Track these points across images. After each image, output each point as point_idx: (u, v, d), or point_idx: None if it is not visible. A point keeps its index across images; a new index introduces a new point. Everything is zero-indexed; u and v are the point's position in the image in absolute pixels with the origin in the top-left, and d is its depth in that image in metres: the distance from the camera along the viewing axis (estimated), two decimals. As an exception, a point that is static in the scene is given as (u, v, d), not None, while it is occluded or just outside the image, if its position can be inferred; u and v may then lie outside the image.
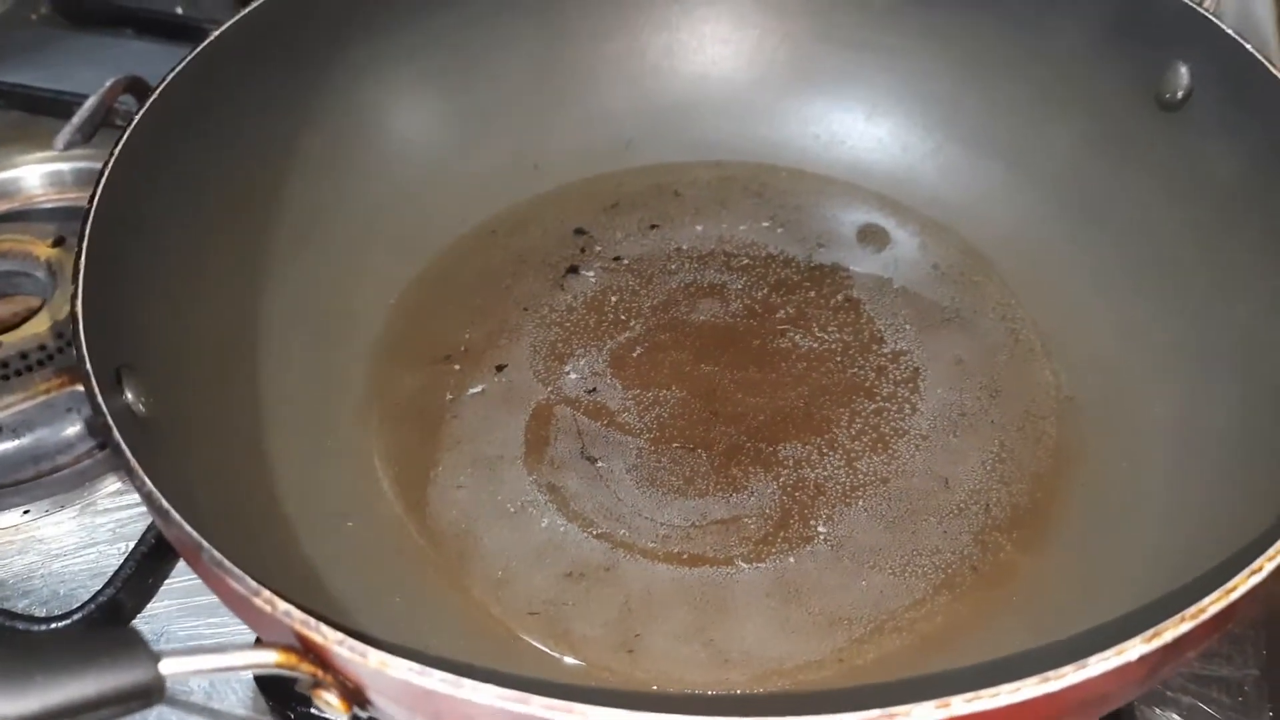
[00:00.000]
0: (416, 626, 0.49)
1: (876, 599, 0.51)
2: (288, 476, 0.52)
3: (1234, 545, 0.43)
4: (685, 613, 0.50)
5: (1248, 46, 0.52)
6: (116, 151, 0.51)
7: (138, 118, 0.53)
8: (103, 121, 0.72)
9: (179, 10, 0.86)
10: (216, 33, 0.56)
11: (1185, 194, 0.56)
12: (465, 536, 0.53)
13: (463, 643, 0.49)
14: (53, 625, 0.53)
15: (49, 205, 0.74)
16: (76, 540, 0.58)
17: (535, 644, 0.50)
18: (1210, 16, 0.54)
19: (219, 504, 0.47)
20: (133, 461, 0.40)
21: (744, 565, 0.52)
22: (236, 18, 0.57)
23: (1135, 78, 0.58)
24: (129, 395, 0.46)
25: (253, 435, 0.53)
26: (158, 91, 0.54)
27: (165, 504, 0.39)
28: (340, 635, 0.35)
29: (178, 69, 0.55)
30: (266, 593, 0.37)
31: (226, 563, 0.37)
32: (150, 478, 0.40)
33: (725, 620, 0.50)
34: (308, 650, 0.36)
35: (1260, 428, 0.49)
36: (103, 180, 0.50)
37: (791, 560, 0.52)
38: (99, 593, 0.54)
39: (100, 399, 0.42)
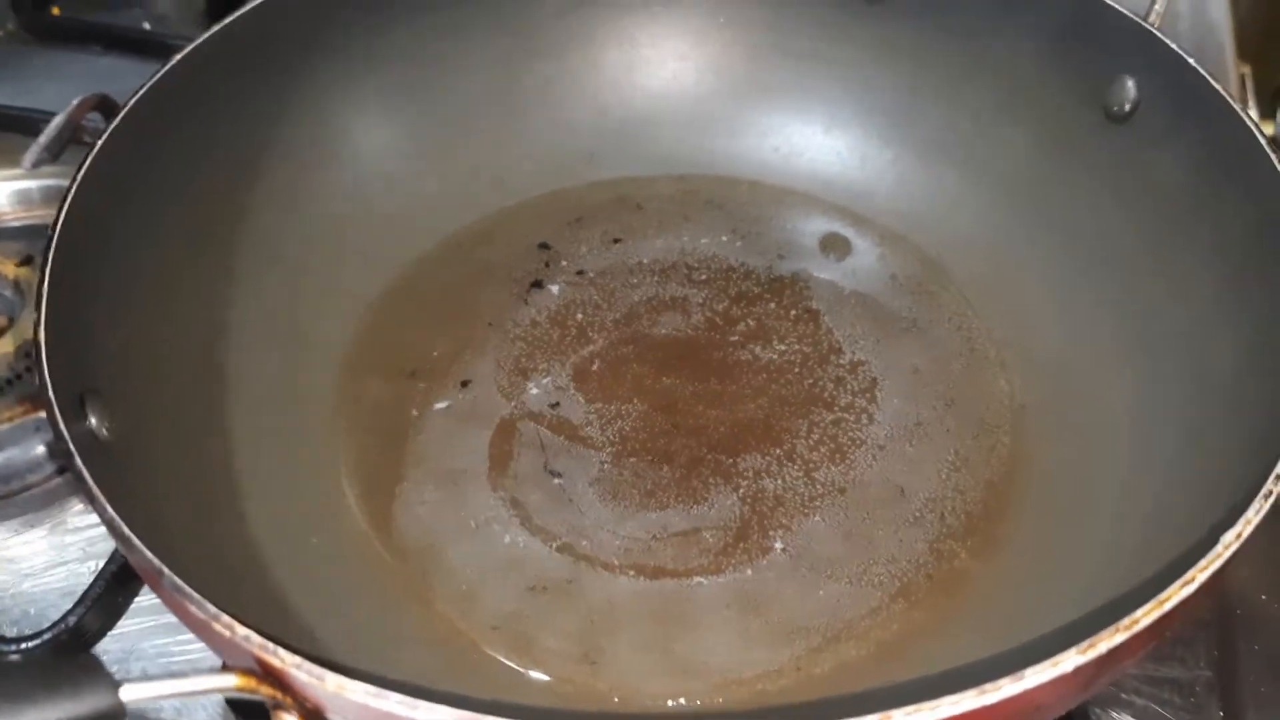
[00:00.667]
0: (381, 642, 0.50)
1: (834, 608, 0.52)
2: (254, 494, 0.53)
3: (1179, 551, 0.44)
4: (647, 624, 0.51)
5: (1191, 61, 0.54)
6: (81, 173, 0.52)
7: (103, 139, 0.54)
8: (70, 139, 0.72)
9: (146, 26, 0.87)
10: (182, 53, 0.57)
11: (1133, 201, 0.58)
12: (429, 551, 0.54)
13: (427, 657, 0.50)
14: (23, 645, 0.53)
15: (16, 224, 0.74)
16: (46, 559, 0.58)
17: (499, 658, 0.50)
18: (1155, 32, 0.55)
19: (185, 525, 0.48)
20: (94, 488, 0.41)
21: (704, 577, 0.53)
22: (202, 37, 0.58)
23: (1084, 89, 0.59)
24: (93, 420, 0.46)
25: (220, 454, 0.53)
26: (123, 112, 0.55)
27: (126, 530, 0.40)
28: (298, 659, 0.36)
29: (143, 89, 0.56)
30: (226, 617, 0.37)
31: (187, 588, 0.38)
32: (111, 503, 0.41)
33: (686, 631, 0.51)
34: (267, 673, 0.37)
35: (1206, 429, 0.50)
36: (67, 202, 0.50)
37: (750, 571, 0.53)
38: (69, 612, 0.54)
39: (63, 427, 0.43)
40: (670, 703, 0.49)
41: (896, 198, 0.66)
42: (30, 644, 0.53)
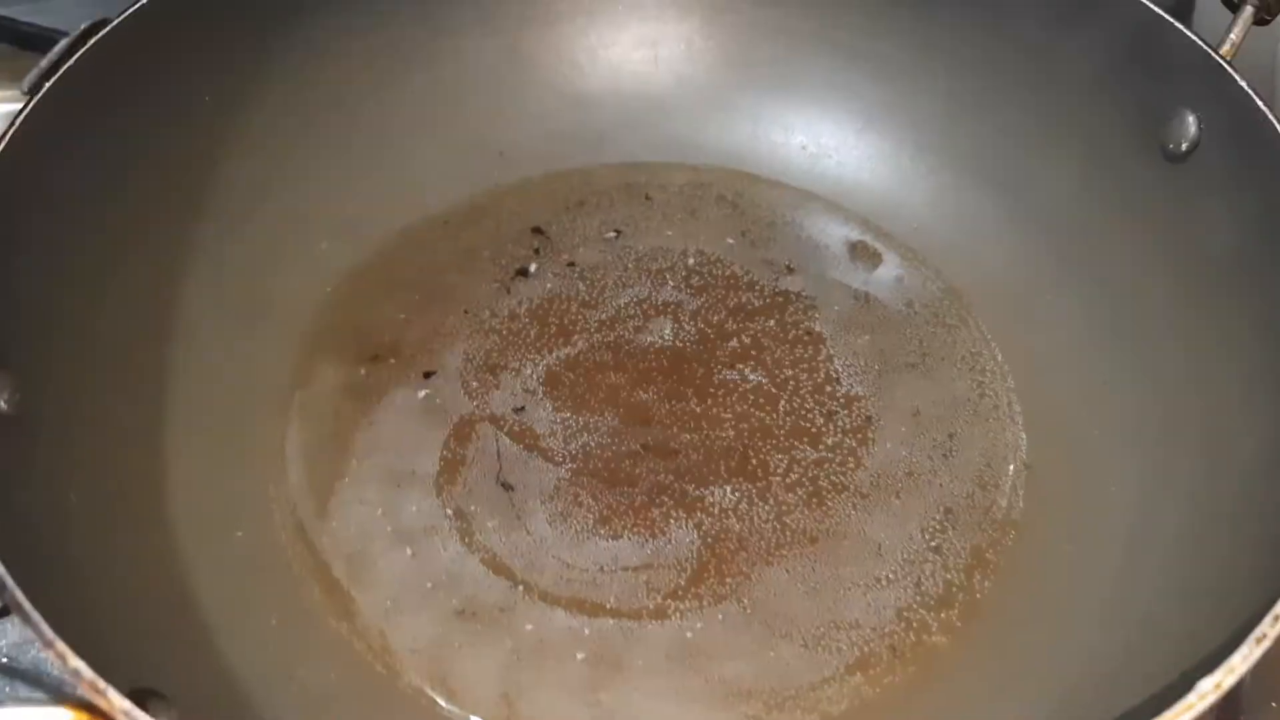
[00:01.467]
0: (287, 652, 0.47)
1: (783, 672, 0.47)
2: (182, 478, 0.50)
3: (1166, 670, 0.38)
4: (576, 667, 0.47)
5: (1260, 103, 0.47)
6: (30, 105, 0.48)
7: (63, 69, 0.50)
8: (74, 64, 0.69)
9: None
10: (148, -2, 0.52)
11: (1178, 257, 0.51)
12: (360, 557, 0.50)
13: (333, 675, 0.47)
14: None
15: (12, 148, 0.72)
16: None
17: (413, 683, 0.47)
18: (1224, 65, 0.48)
19: (90, 509, 0.45)
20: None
21: (648, 620, 0.49)
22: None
23: (1141, 120, 0.53)
24: (-9, 389, 0.43)
25: (149, 432, 0.50)
26: (88, 45, 0.51)
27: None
28: (128, 705, 0.33)
29: (118, 20, 0.52)
30: (60, 644, 0.34)
31: (26, 603, 0.35)
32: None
33: (617, 680, 0.47)
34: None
35: (1212, 536, 0.44)
36: (5, 139, 0.47)
37: (699, 620, 0.49)
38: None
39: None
40: (584, 760, 0.45)
41: (925, 217, 0.60)
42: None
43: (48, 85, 0.49)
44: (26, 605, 0.34)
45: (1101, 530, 0.49)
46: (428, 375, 0.56)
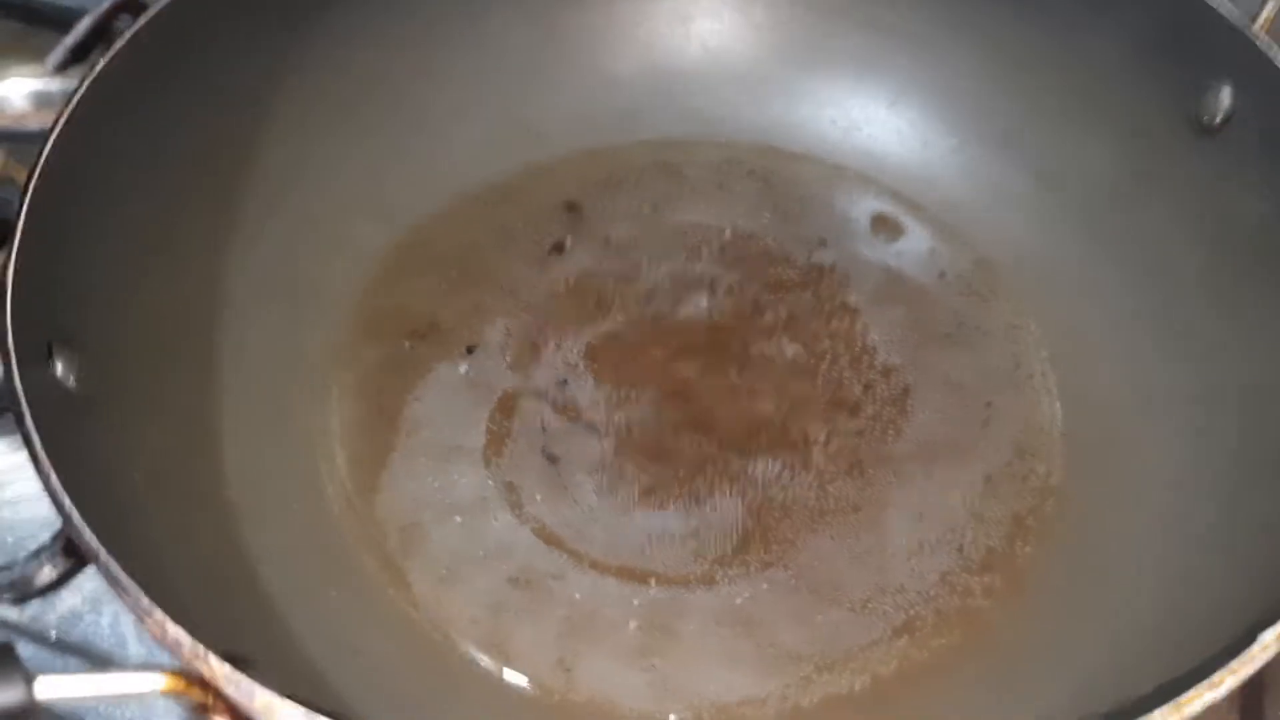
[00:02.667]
0: (348, 625, 0.47)
1: (831, 636, 0.48)
2: (235, 456, 0.50)
3: (1210, 629, 0.40)
4: (630, 633, 0.48)
5: (1294, 77, 0.48)
6: (80, 93, 0.48)
7: (107, 57, 0.50)
8: (98, 42, 0.70)
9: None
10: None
11: (1212, 229, 0.52)
12: (413, 530, 0.51)
13: (394, 645, 0.48)
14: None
15: (36, 127, 0.72)
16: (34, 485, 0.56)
17: (472, 651, 0.48)
18: (1259, 38, 0.49)
19: (154, 487, 0.46)
20: (39, 450, 0.38)
21: (698, 587, 0.50)
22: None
23: (1174, 95, 0.53)
24: (59, 369, 0.44)
25: (202, 412, 0.51)
26: (131, 31, 0.51)
27: (66, 502, 0.37)
28: (228, 669, 0.33)
29: (157, 6, 0.52)
30: (159, 613, 0.35)
31: (123, 576, 0.36)
32: (58, 469, 0.38)
33: (670, 645, 0.48)
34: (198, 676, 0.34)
35: (1253, 499, 0.45)
36: (63, 118, 0.47)
37: (747, 586, 0.50)
38: (47, 544, 0.52)
39: (17, 379, 0.40)
40: (643, 722, 0.46)
41: (957, 189, 0.61)
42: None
43: (98, 69, 0.49)
44: (123, 578, 0.35)
45: (1141, 495, 0.50)
46: (470, 350, 0.56)
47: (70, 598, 0.53)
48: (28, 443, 0.39)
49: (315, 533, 0.50)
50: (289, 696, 0.33)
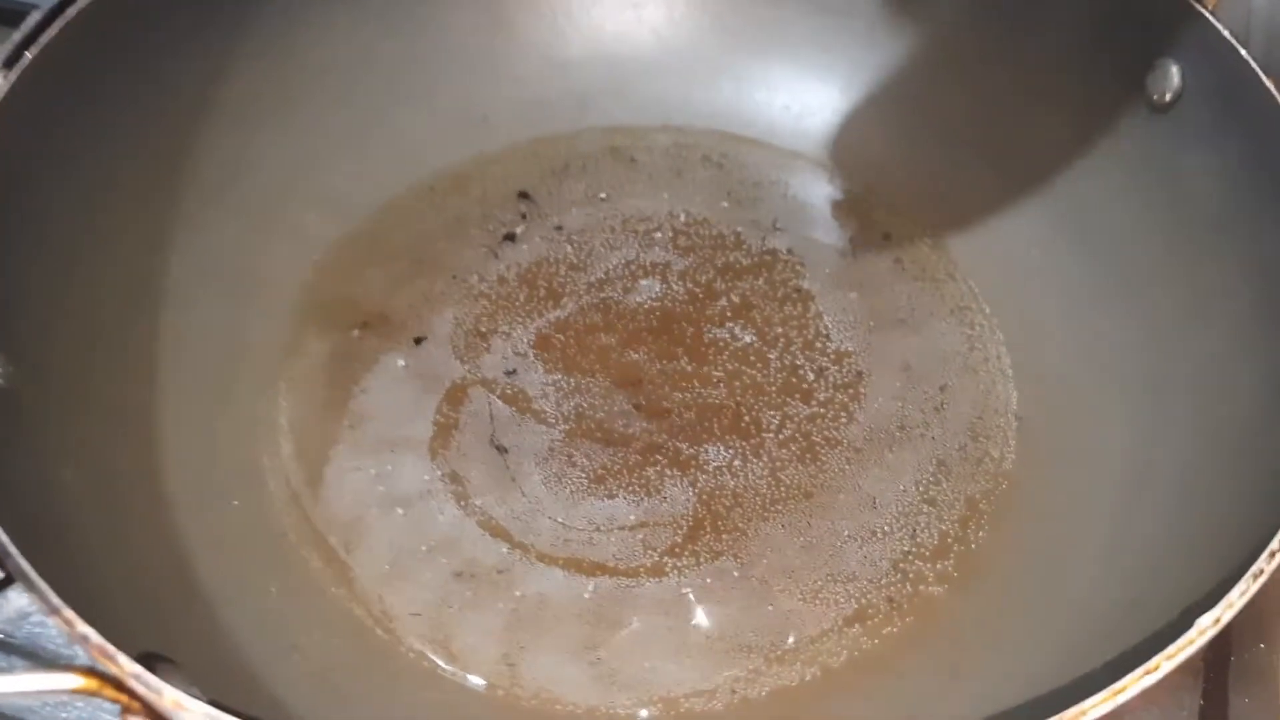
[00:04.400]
0: (289, 622, 0.47)
1: (781, 626, 0.48)
2: (176, 449, 0.49)
3: (1165, 609, 0.39)
4: (576, 626, 0.48)
5: (1242, 51, 0.47)
6: (11, 83, 0.47)
7: (41, 44, 0.49)
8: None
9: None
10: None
11: (1164, 205, 0.52)
12: (357, 524, 0.50)
13: (337, 642, 0.47)
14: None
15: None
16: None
17: (415, 647, 0.47)
18: (1207, 15, 0.49)
19: (87, 483, 0.45)
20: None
21: (646, 578, 0.49)
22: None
23: (1124, 73, 0.53)
24: (-12, 363, 0.43)
25: (140, 406, 0.50)
26: (64, 19, 0.50)
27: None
28: (137, 669, 0.33)
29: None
30: (67, 611, 0.34)
31: (30, 572, 0.35)
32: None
33: (618, 637, 0.47)
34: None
35: (1207, 484, 0.45)
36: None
37: (697, 576, 0.49)
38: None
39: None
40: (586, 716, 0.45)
41: (910, 174, 0.60)
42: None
43: (24, 60, 0.48)
44: (31, 573, 0.34)
45: (1094, 478, 0.49)
46: (418, 341, 0.56)
47: (18, 598, 0.52)
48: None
49: (256, 528, 0.49)
50: (210, 699, 0.33)
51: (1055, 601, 0.47)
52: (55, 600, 0.34)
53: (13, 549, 0.35)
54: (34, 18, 0.69)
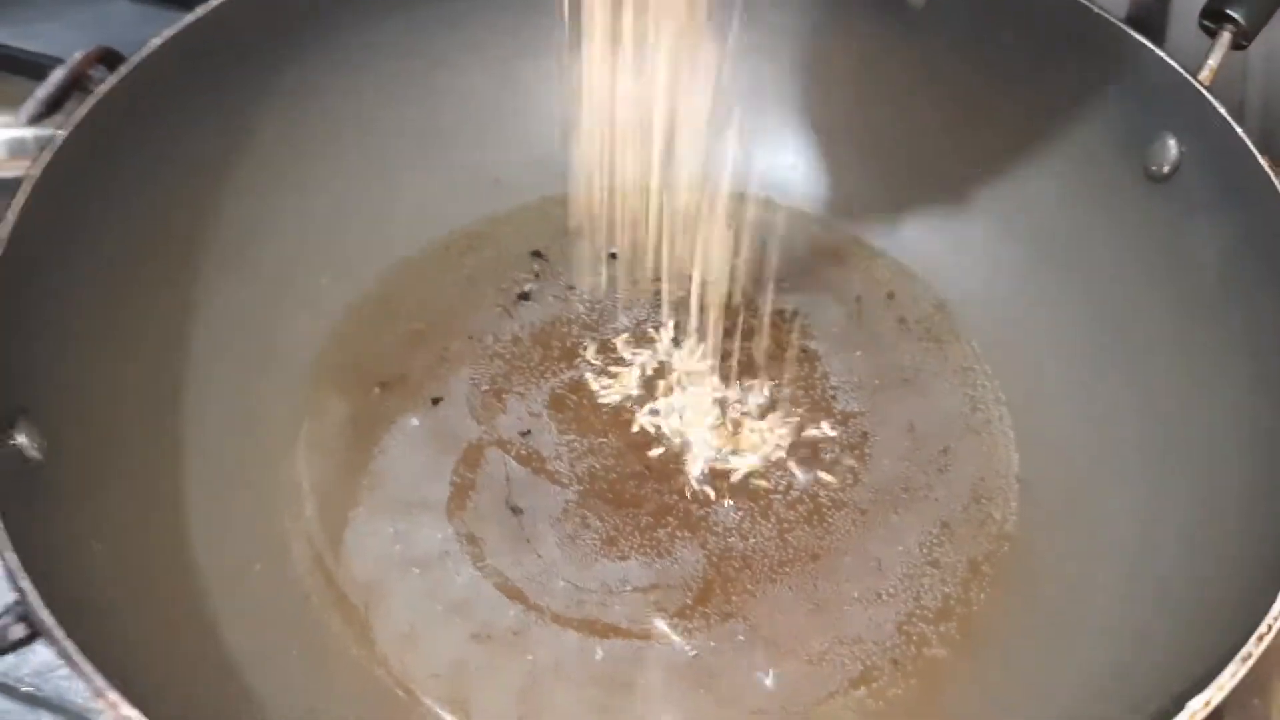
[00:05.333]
0: (311, 684, 0.48)
1: (789, 689, 0.49)
2: (200, 515, 0.51)
3: (1158, 688, 0.40)
4: (590, 688, 0.49)
5: (1238, 129, 0.49)
6: (43, 168, 0.49)
7: (71, 126, 0.51)
8: (72, 91, 0.70)
9: (167, -31, 0.83)
10: (158, 41, 0.53)
11: (1163, 274, 0.53)
12: (377, 586, 0.51)
13: (357, 704, 0.48)
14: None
15: (10, 175, 0.72)
16: None
17: (433, 709, 0.48)
18: (1203, 91, 0.50)
19: (116, 554, 0.46)
20: (-1, 528, 0.39)
21: (657, 641, 0.50)
22: (184, 21, 0.54)
23: (1124, 144, 0.54)
24: (22, 439, 0.44)
25: (167, 473, 0.51)
26: (94, 99, 0.52)
27: (24, 583, 0.38)
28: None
29: (121, 73, 0.53)
30: (113, 694, 0.35)
31: (77, 655, 0.36)
32: (15, 544, 0.39)
33: (629, 699, 0.49)
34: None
35: (1203, 556, 0.46)
36: (24, 195, 0.48)
37: (707, 638, 0.50)
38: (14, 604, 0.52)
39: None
40: (601, 780, 0.47)
41: (916, 235, 0.62)
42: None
43: (58, 143, 0.49)
44: (78, 657, 0.36)
45: (1096, 544, 0.50)
46: (435, 402, 0.57)
47: (44, 651, 0.53)
48: (-14, 519, 0.39)
49: (280, 592, 0.51)
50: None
51: (1054, 667, 0.48)
52: (101, 683, 0.35)
53: (60, 633, 0.36)
54: (58, 74, 0.71)
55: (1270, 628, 0.37)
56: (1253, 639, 0.37)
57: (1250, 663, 0.36)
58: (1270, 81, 0.64)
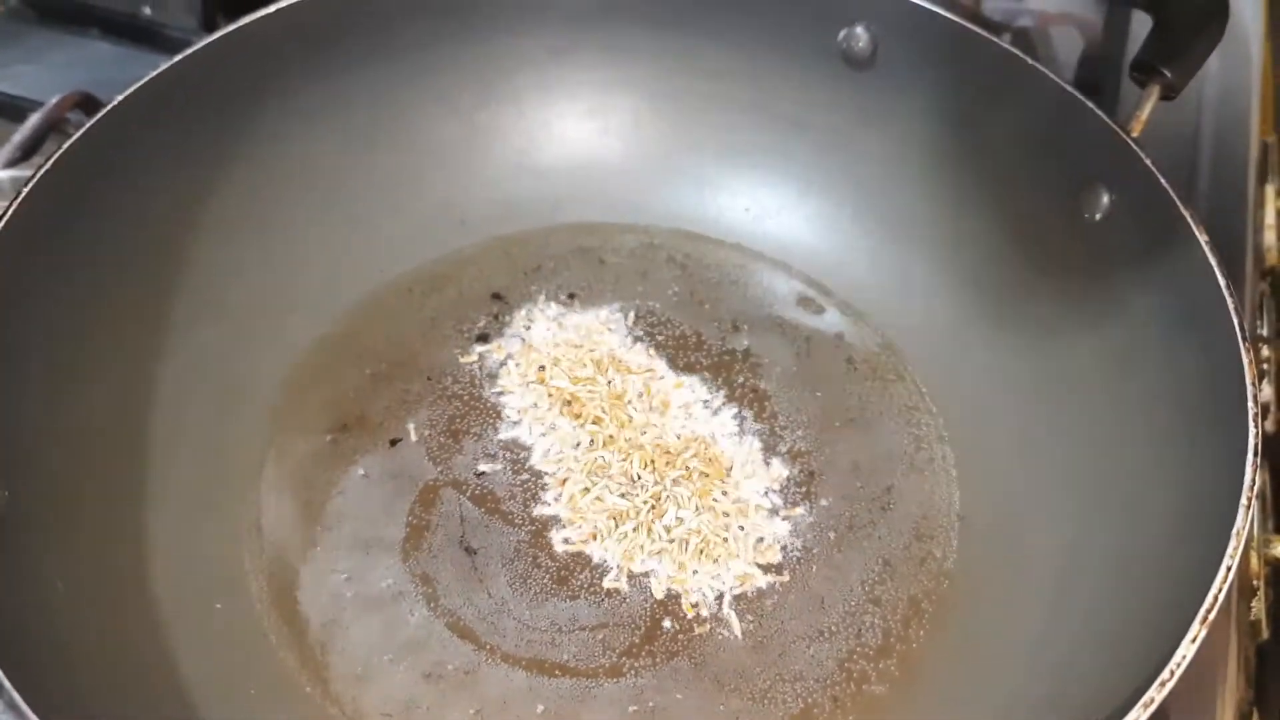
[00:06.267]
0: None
1: (732, 725, 0.50)
2: (163, 554, 0.53)
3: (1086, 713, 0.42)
4: (537, 725, 0.50)
5: (1161, 180, 0.50)
6: (8, 215, 0.50)
7: (40, 173, 0.52)
8: (48, 135, 0.72)
9: (147, 12, 0.85)
10: (132, 88, 0.55)
11: (1099, 321, 0.55)
12: (332, 626, 0.53)
13: (312, 743, 0.50)
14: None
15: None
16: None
17: (383, 748, 0.50)
18: (1130, 143, 0.52)
19: (77, 593, 0.48)
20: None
21: (604, 679, 0.52)
22: (157, 70, 0.56)
23: (1060, 190, 0.56)
24: (-18, 492, 0.46)
25: (130, 515, 0.53)
26: (64, 147, 0.53)
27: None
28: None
29: (92, 123, 0.54)
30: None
31: (21, 703, 0.38)
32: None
33: (576, 736, 0.50)
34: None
35: (1132, 590, 0.47)
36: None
37: (652, 677, 0.52)
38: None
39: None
40: (544, 817, 0.48)
41: (864, 275, 0.64)
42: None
43: (25, 190, 0.51)
44: (22, 705, 0.37)
45: (1028, 579, 0.52)
46: (394, 443, 0.59)
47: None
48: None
49: (238, 629, 0.52)
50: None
51: (988, 701, 0.49)
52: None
53: (6, 682, 0.38)
54: (35, 120, 0.73)
55: (1173, 673, 0.38)
56: (1155, 685, 0.38)
57: (1152, 708, 0.38)
58: (1222, 120, 0.67)
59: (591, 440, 0.58)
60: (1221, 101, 0.75)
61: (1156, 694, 0.38)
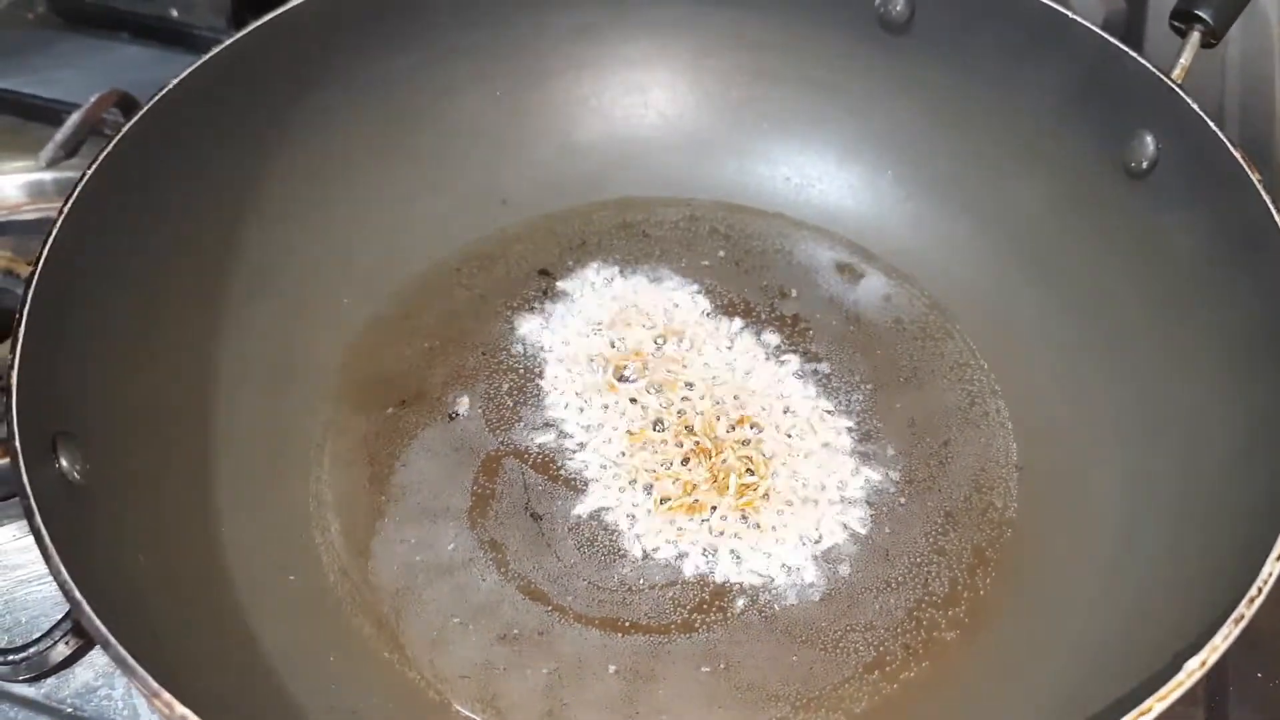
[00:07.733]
0: (347, 688, 0.50)
1: (806, 676, 0.51)
2: (233, 530, 0.53)
3: (1157, 653, 0.42)
4: (614, 682, 0.51)
5: (1211, 125, 0.51)
6: (68, 206, 0.51)
7: (93, 166, 0.53)
8: (88, 135, 0.73)
9: (175, 14, 0.86)
10: (176, 80, 0.56)
11: (1142, 266, 0.56)
12: (405, 593, 0.54)
13: (393, 705, 0.50)
14: (10, 658, 0.53)
15: (31, 217, 0.75)
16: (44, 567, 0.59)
17: (465, 708, 0.50)
18: (1177, 88, 0.52)
19: (156, 567, 0.48)
20: (49, 547, 0.41)
21: (677, 635, 0.52)
22: (205, 57, 0.57)
23: (1103, 143, 0.57)
24: (64, 463, 0.46)
25: (200, 491, 0.53)
26: (115, 140, 0.54)
27: (77, 594, 0.40)
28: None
29: (139, 116, 0.55)
30: (166, 695, 0.37)
31: (131, 661, 0.38)
32: (67, 564, 0.41)
33: (653, 691, 0.51)
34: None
35: (1193, 526, 0.48)
36: (57, 224, 0.50)
37: (724, 631, 0.52)
38: (58, 623, 0.54)
39: (25, 477, 0.43)
40: (628, 769, 0.49)
41: (907, 238, 0.64)
42: (18, 655, 0.53)
43: (89, 172, 0.52)
44: (131, 662, 0.38)
45: (1092, 524, 0.53)
46: (452, 417, 0.59)
47: (84, 673, 0.55)
48: (37, 538, 0.41)
49: (312, 600, 0.53)
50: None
51: (1058, 644, 0.50)
52: (154, 685, 0.37)
53: (112, 640, 0.38)
54: (74, 119, 0.74)
55: (1261, 590, 0.39)
56: (1244, 600, 0.39)
57: (1243, 624, 0.38)
58: (1246, 83, 0.68)
59: (646, 407, 0.59)
60: (1243, 67, 0.76)
61: (1246, 610, 0.38)
